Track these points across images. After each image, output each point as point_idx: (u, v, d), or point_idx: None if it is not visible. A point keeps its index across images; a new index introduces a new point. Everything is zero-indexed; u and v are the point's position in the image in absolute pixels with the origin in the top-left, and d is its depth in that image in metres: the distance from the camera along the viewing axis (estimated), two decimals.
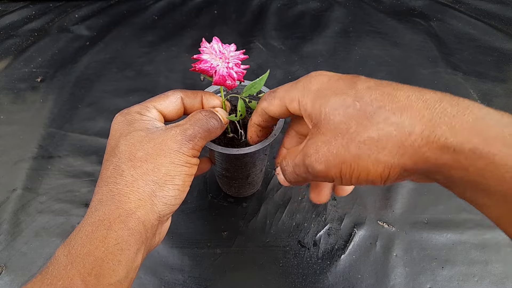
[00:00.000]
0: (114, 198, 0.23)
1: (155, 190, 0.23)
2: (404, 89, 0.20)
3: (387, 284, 0.38)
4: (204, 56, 0.26)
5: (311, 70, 0.61)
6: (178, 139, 0.24)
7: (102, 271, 0.20)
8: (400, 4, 0.76)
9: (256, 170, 0.37)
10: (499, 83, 0.58)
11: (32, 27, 0.71)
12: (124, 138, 0.25)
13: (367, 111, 0.20)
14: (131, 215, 0.22)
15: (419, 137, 0.18)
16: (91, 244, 0.21)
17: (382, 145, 0.19)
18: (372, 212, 0.43)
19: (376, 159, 0.19)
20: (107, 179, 0.24)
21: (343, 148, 0.20)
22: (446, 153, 0.17)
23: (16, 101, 0.57)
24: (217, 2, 0.77)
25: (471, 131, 0.17)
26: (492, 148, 0.16)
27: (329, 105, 0.21)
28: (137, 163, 0.24)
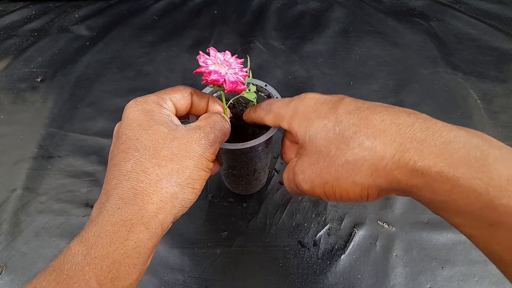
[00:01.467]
0: (137, 197, 0.22)
1: (177, 192, 0.23)
2: (381, 113, 0.21)
3: (387, 284, 0.38)
4: (212, 67, 0.26)
5: (311, 70, 0.62)
6: (203, 143, 0.25)
7: (118, 275, 0.20)
8: (400, 4, 0.76)
9: (262, 164, 0.38)
10: (499, 83, 0.58)
11: (32, 27, 0.71)
12: (145, 132, 0.24)
13: (344, 135, 0.22)
14: (153, 218, 0.22)
15: (390, 161, 0.19)
16: (110, 246, 0.20)
17: (358, 168, 0.21)
18: (372, 212, 0.43)
19: (353, 181, 0.21)
20: (128, 174, 0.23)
21: (325, 170, 0.23)
22: (415, 176, 0.19)
23: (16, 101, 0.57)
24: (217, 2, 0.77)
25: (437, 155, 0.18)
26: (456, 172, 0.17)
27: (313, 129, 0.24)
28: (162, 162, 0.23)
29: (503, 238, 0.16)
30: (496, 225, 0.16)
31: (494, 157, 0.17)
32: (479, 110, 0.54)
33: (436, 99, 0.56)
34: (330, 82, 0.59)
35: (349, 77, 0.60)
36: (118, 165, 0.23)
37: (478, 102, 0.55)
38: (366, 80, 0.59)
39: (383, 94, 0.57)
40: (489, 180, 0.16)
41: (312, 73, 0.61)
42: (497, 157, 0.17)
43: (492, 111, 0.54)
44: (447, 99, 0.56)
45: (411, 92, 0.57)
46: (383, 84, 0.58)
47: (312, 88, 0.58)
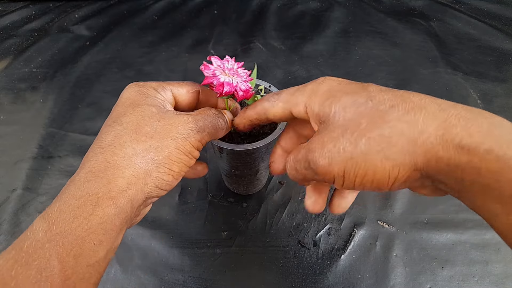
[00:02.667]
0: (108, 170, 0.21)
1: (151, 169, 0.22)
2: (417, 93, 0.20)
3: (387, 284, 0.38)
4: (222, 79, 0.26)
5: (311, 70, 0.61)
6: (190, 126, 0.24)
7: (81, 252, 0.19)
8: (400, 4, 0.76)
9: (264, 165, 0.38)
10: (499, 83, 0.58)
11: (32, 27, 0.71)
12: (134, 109, 0.24)
13: (379, 109, 0.19)
14: (121, 193, 0.21)
15: (433, 136, 0.17)
16: (74, 221, 0.19)
17: (393, 142, 0.18)
18: (372, 212, 0.43)
19: (385, 155, 0.18)
20: (106, 146, 0.22)
21: (351, 145, 0.19)
22: (460, 154, 0.17)
23: (16, 101, 0.57)
24: (217, 2, 0.77)
25: (486, 134, 0.16)
26: (508, 151, 0.15)
27: (340, 103, 0.21)
28: (142, 138, 0.22)
29: None
30: None
31: None
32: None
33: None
34: None
35: (349, 77, 0.59)
36: (99, 138, 0.23)
37: (478, 102, 0.55)
38: (366, 80, 0.59)
39: None
40: None
41: (312, 73, 0.61)
42: None
43: (492, 111, 0.53)
44: (447, 99, 0.55)
45: None
46: (383, 84, 0.58)
47: None
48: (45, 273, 0.18)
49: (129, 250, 0.40)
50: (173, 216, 0.43)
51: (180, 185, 0.46)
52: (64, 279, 0.18)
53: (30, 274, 0.18)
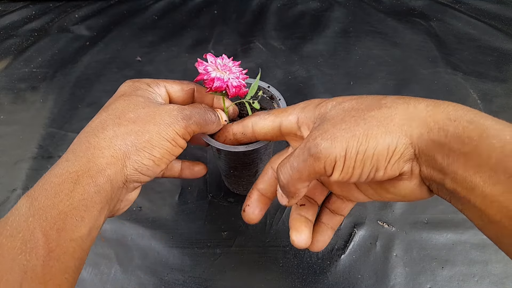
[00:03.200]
0: (88, 150, 0.22)
1: (130, 152, 0.23)
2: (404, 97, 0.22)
3: (387, 284, 0.38)
4: (213, 74, 0.26)
5: (311, 70, 0.62)
6: (174, 114, 0.24)
7: (64, 226, 0.20)
8: (400, 4, 0.76)
9: (263, 165, 0.38)
10: (499, 83, 0.58)
11: (32, 27, 0.71)
12: (122, 98, 0.25)
13: (375, 98, 0.22)
14: (100, 172, 0.22)
15: (425, 111, 0.20)
16: (55, 197, 0.20)
17: (390, 117, 0.20)
18: (372, 212, 0.43)
19: (385, 129, 0.20)
20: (90, 131, 0.23)
21: (352, 124, 0.21)
22: (447, 125, 0.19)
23: (16, 101, 0.57)
24: (217, 2, 0.77)
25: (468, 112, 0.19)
26: (486, 121, 0.18)
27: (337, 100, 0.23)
28: (124, 122, 0.23)
29: None
30: None
31: None
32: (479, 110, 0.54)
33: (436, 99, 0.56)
34: (330, 82, 0.59)
35: (349, 77, 0.60)
36: (87, 125, 0.24)
37: (478, 102, 0.55)
38: (366, 80, 0.59)
39: (383, 94, 0.57)
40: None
41: (312, 73, 0.61)
42: None
43: (492, 111, 0.54)
44: (447, 99, 0.55)
45: (411, 92, 0.57)
46: (383, 84, 0.58)
47: (312, 88, 0.58)
48: (30, 245, 0.19)
49: (129, 250, 0.40)
50: (173, 216, 0.43)
51: (180, 185, 0.46)
52: (48, 251, 0.19)
53: (15, 246, 0.19)
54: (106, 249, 0.40)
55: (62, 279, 0.20)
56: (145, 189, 0.45)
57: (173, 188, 0.46)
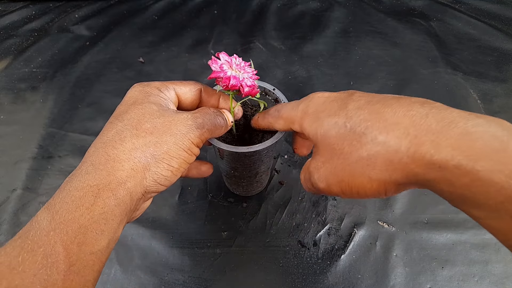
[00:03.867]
0: (108, 163, 0.22)
1: (150, 164, 0.23)
2: (393, 105, 0.20)
3: (387, 284, 0.38)
4: (229, 72, 0.26)
5: (311, 70, 0.61)
6: (189, 123, 0.25)
7: (85, 240, 0.20)
8: (400, 4, 0.76)
9: (264, 167, 0.38)
10: (499, 83, 0.58)
11: (32, 27, 0.71)
12: (135, 106, 0.25)
13: (356, 131, 0.21)
14: (121, 185, 0.22)
15: (405, 155, 0.19)
16: (76, 211, 0.20)
17: (372, 164, 0.20)
18: (372, 212, 0.43)
19: (369, 177, 0.21)
20: (107, 142, 0.23)
21: (339, 168, 0.22)
22: (433, 170, 0.18)
23: (16, 101, 0.57)
24: (217, 2, 0.77)
25: (454, 147, 0.17)
26: (475, 164, 0.16)
27: (323, 127, 0.23)
28: (142, 133, 0.23)
29: None
30: None
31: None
32: (479, 110, 0.54)
33: (436, 99, 0.55)
34: (330, 82, 0.59)
35: (349, 77, 0.60)
36: (101, 134, 0.24)
37: (478, 102, 0.55)
38: (366, 80, 0.59)
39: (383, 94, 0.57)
40: (510, 173, 0.15)
41: (312, 73, 0.61)
42: None
43: (492, 111, 0.54)
44: (447, 99, 0.56)
45: (411, 92, 0.57)
46: (383, 84, 0.58)
47: (312, 88, 0.58)
48: (51, 259, 0.19)
49: (129, 250, 0.40)
50: (173, 216, 0.43)
51: (180, 185, 0.46)
52: (69, 265, 0.19)
53: (37, 260, 0.19)
54: None
55: None
56: None
57: (173, 188, 0.46)
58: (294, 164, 0.48)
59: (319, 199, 0.45)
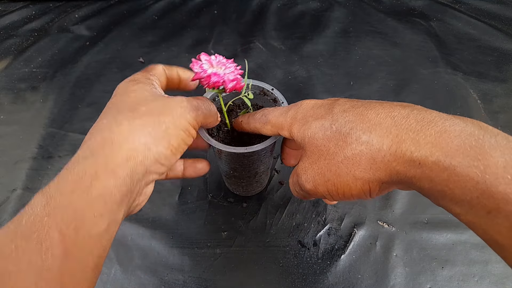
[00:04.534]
0: (106, 146, 0.22)
1: (149, 143, 0.23)
2: (376, 108, 0.22)
3: (387, 284, 0.38)
4: (210, 70, 0.26)
5: (311, 70, 0.61)
6: (184, 105, 0.25)
7: (82, 224, 0.19)
8: (400, 4, 0.76)
9: (264, 168, 0.38)
10: (499, 83, 0.58)
11: (32, 27, 0.71)
12: (128, 94, 0.25)
13: (342, 132, 0.22)
14: (120, 166, 0.21)
15: (388, 153, 0.20)
16: (72, 194, 0.19)
17: (357, 162, 0.21)
18: (372, 212, 0.43)
19: (353, 176, 0.21)
20: (103, 127, 0.23)
21: (326, 168, 0.23)
22: (413, 167, 0.19)
23: (16, 101, 0.57)
24: (217, 2, 0.77)
25: (433, 145, 0.18)
26: (453, 161, 0.17)
27: (311, 130, 0.24)
28: (138, 115, 0.23)
29: (502, 225, 0.16)
30: (494, 213, 0.16)
31: (489, 145, 0.17)
32: (479, 110, 0.54)
33: (436, 99, 0.56)
34: (330, 82, 0.59)
35: (349, 77, 0.60)
36: (96, 122, 0.24)
37: (478, 102, 0.55)
38: (366, 80, 0.59)
39: (383, 94, 0.57)
40: (485, 168, 0.16)
41: (312, 73, 0.61)
42: (493, 144, 0.17)
43: (492, 111, 0.54)
44: (447, 99, 0.56)
45: (411, 92, 0.57)
46: (383, 84, 0.58)
47: (312, 88, 0.58)
48: (45, 245, 0.18)
49: (129, 250, 0.40)
50: (173, 216, 0.43)
51: (180, 185, 0.46)
52: (65, 251, 0.18)
53: (31, 246, 0.18)
54: None
55: (80, 279, 0.19)
56: None
57: (173, 188, 0.46)
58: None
59: (319, 199, 0.45)
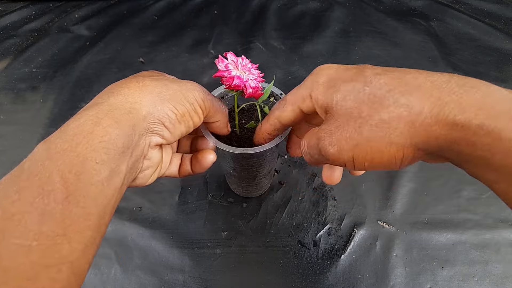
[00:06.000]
0: (111, 97, 0.22)
1: (155, 101, 0.23)
2: (412, 73, 0.20)
3: (387, 284, 0.38)
4: (234, 72, 0.27)
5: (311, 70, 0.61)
6: (194, 84, 0.26)
7: (83, 169, 0.19)
8: (400, 4, 0.76)
9: (263, 172, 0.37)
10: (499, 83, 0.58)
11: (32, 27, 0.71)
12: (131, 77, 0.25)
13: (377, 95, 0.20)
14: (123, 115, 0.21)
15: (429, 116, 0.18)
16: (73, 140, 0.19)
17: (394, 126, 0.19)
18: (372, 212, 0.43)
19: (389, 140, 0.19)
20: (111, 87, 0.23)
21: (356, 132, 0.20)
22: (455, 130, 0.17)
23: (16, 101, 0.57)
24: (217, 2, 0.77)
25: (478, 108, 0.17)
26: (498, 124, 0.16)
27: (340, 92, 0.22)
28: (148, 79, 0.24)
29: None
30: None
31: None
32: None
33: None
34: None
35: None
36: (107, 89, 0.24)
37: None
38: None
39: None
40: None
41: None
42: None
43: None
44: None
45: None
46: None
47: None
48: (47, 188, 0.18)
49: (129, 250, 0.40)
50: (173, 216, 0.43)
51: (180, 185, 0.46)
52: (67, 195, 0.18)
53: (32, 189, 0.18)
54: (106, 249, 0.40)
55: (83, 226, 0.19)
56: (145, 189, 0.45)
57: (173, 188, 0.46)
58: (294, 164, 0.48)
59: (319, 199, 0.45)
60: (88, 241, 0.19)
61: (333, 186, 0.46)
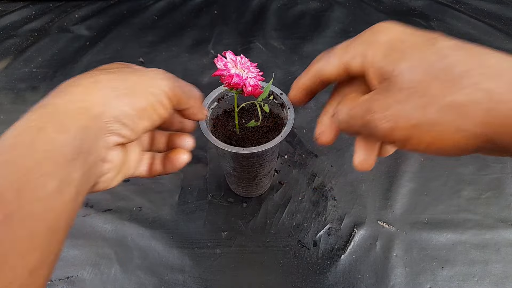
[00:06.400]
0: (57, 96, 0.19)
1: (109, 97, 0.20)
2: (493, 53, 0.18)
3: (387, 284, 0.38)
4: (233, 71, 0.27)
5: None
6: (159, 71, 0.23)
7: (26, 184, 0.16)
8: (400, 4, 0.76)
9: (264, 172, 0.37)
10: None
11: (32, 27, 0.71)
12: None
13: (453, 72, 0.17)
14: (70, 117, 0.18)
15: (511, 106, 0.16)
16: (14, 151, 0.17)
17: (468, 111, 0.17)
18: (372, 212, 0.43)
19: (458, 126, 0.17)
20: (60, 87, 0.20)
21: (419, 111, 0.18)
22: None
23: (16, 101, 0.57)
24: (217, 2, 0.77)
25: None
26: None
27: (406, 60, 0.19)
28: (103, 72, 0.21)
29: None
30: None
31: None
32: None
33: None
34: None
35: None
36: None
37: None
38: None
39: None
40: None
41: None
42: None
43: None
44: None
45: None
46: None
47: None
48: None
49: (129, 250, 0.40)
50: (173, 216, 0.43)
51: (180, 185, 0.46)
52: (6, 213, 0.16)
53: None
54: (106, 249, 0.40)
55: (27, 247, 0.16)
56: (145, 189, 0.45)
57: (173, 188, 0.46)
58: (294, 164, 0.48)
59: (319, 199, 0.45)
60: (36, 263, 0.17)
61: (333, 186, 0.46)
